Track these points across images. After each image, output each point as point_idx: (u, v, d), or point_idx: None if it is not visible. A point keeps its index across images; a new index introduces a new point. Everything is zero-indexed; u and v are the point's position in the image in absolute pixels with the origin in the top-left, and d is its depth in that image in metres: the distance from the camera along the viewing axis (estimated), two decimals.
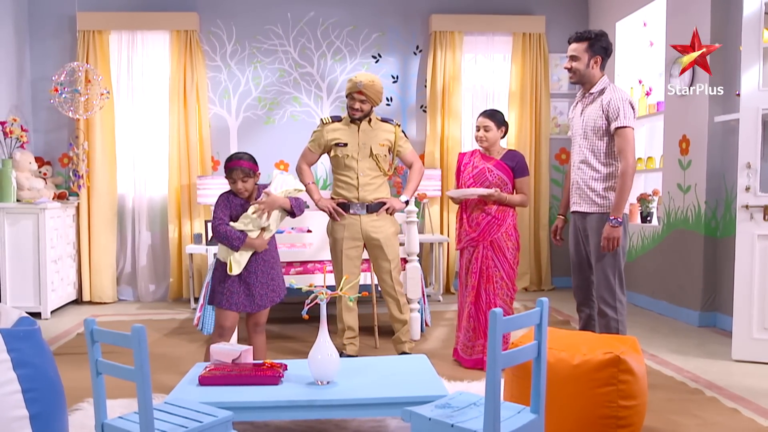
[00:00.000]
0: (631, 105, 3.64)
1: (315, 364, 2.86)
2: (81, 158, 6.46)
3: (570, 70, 3.72)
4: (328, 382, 2.87)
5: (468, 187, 4.26)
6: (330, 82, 7.02)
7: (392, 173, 6.43)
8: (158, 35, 6.79)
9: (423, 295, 5.21)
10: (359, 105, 4.16)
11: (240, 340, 4.49)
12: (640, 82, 6.50)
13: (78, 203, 6.59)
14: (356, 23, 7.03)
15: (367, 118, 4.28)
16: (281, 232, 5.50)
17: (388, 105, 7.10)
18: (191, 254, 6.33)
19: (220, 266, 3.55)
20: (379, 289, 4.42)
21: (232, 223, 3.49)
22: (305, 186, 4.30)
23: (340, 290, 2.88)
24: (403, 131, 4.44)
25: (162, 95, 6.81)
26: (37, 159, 6.48)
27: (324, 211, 4.29)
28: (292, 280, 3.03)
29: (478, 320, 4.22)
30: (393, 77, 7.11)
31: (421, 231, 6.88)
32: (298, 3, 6.94)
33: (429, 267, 6.97)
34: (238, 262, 3.44)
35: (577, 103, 3.86)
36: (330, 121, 4.34)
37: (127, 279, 6.88)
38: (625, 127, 3.58)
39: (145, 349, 2.10)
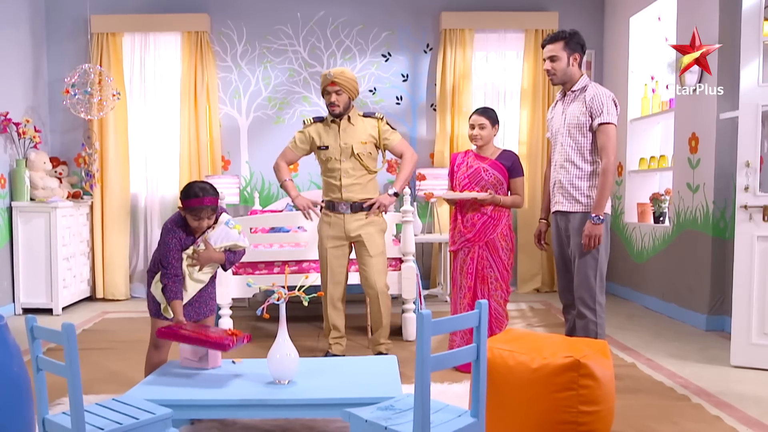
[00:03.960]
0: (614, 102, 3.56)
1: (273, 363, 2.86)
2: (93, 158, 6.61)
3: (550, 71, 3.65)
4: (288, 382, 2.87)
5: (463, 187, 4.19)
6: None
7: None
8: (170, 37, 6.90)
9: (419, 295, 5.17)
10: (335, 98, 4.05)
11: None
12: (652, 78, 6.33)
13: (92, 202, 6.74)
14: (366, 22, 7.02)
15: (347, 116, 4.17)
16: (287, 231, 5.51)
17: (398, 104, 7.08)
18: None
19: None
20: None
21: None
22: (282, 183, 4.27)
23: (298, 289, 2.86)
24: (388, 123, 4.28)
25: (174, 96, 6.92)
26: (54, 159, 6.65)
27: (299, 209, 4.21)
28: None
29: None
30: (403, 76, 7.08)
31: (429, 231, 6.83)
32: (307, 3, 6.97)
33: (438, 267, 6.92)
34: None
35: (556, 103, 3.79)
36: (312, 122, 4.28)
37: (140, 276, 7.00)
38: (608, 123, 3.51)
39: (74, 345, 2.12)
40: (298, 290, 2.87)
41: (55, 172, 6.56)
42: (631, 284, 6.55)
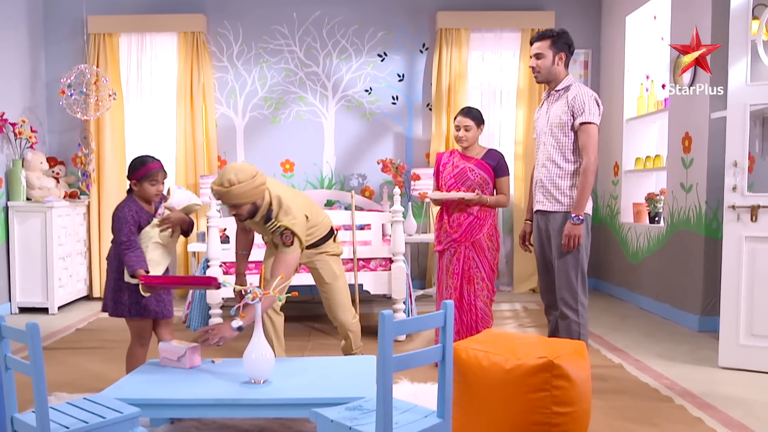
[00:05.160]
0: (597, 102, 3.54)
1: (249, 363, 2.86)
2: (89, 158, 6.64)
3: (535, 69, 3.64)
4: (263, 382, 2.87)
5: (449, 186, 4.19)
6: (335, 82, 7.03)
7: (395, 172, 6.41)
8: (166, 37, 6.93)
9: (410, 295, 5.17)
10: (235, 212, 3.27)
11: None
12: (647, 77, 6.30)
13: (88, 202, 6.78)
14: (362, 22, 7.02)
15: (254, 220, 3.43)
16: None
17: (393, 104, 7.07)
18: (195, 252, 6.43)
19: (128, 284, 3.31)
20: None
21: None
22: (236, 253, 3.64)
23: (273, 289, 2.87)
24: (282, 233, 3.31)
25: (170, 96, 6.95)
26: (51, 159, 6.69)
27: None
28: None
29: (461, 323, 4.15)
30: (399, 75, 7.07)
31: (424, 230, 6.82)
32: (303, 2, 6.97)
33: (433, 267, 6.90)
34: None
35: (542, 102, 3.78)
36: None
37: None
38: (590, 123, 3.50)
39: (39, 344, 2.12)
40: (273, 290, 2.87)
41: (53, 171, 6.60)
42: (626, 285, 6.52)
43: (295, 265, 3.34)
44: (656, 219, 6.10)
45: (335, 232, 3.81)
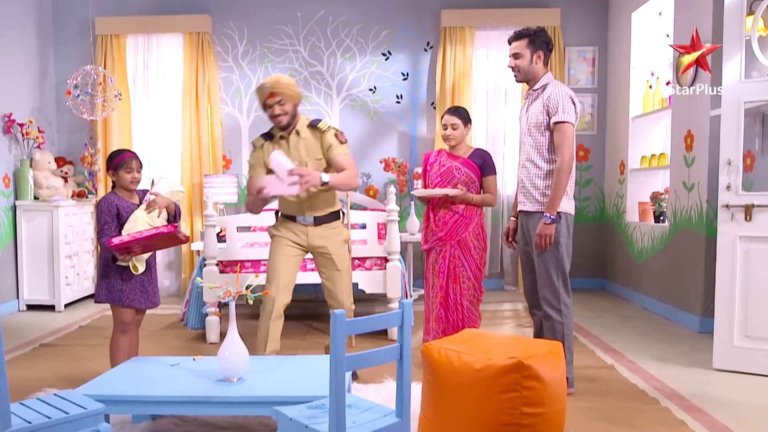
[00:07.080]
0: (572, 101, 3.51)
1: (223, 360, 2.88)
2: (95, 158, 6.74)
3: (514, 68, 3.62)
4: (236, 379, 2.89)
5: (435, 185, 4.19)
6: (340, 81, 7.04)
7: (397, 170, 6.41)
8: (172, 38, 7.00)
9: (406, 294, 5.16)
10: (278, 109, 3.60)
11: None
12: (652, 74, 6.21)
13: (95, 201, 6.87)
14: (366, 21, 7.02)
15: (296, 130, 3.71)
16: None
17: (398, 102, 7.07)
18: (198, 251, 6.49)
19: (117, 267, 3.44)
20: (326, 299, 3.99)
21: (126, 226, 3.42)
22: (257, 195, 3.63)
23: (246, 288, 2.88)
24: (337, 135, 3.72)
25: (176, 96, 7.02)
26: (60, 159, 6.80)
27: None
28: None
29: (447, 322, 4.14)
30: (403, 74, 7.06)
31: None
32: (308, 2, 7.00)
33: None
34: (141, 261, 3.43)
35: (524, 102, 3.75)
36: (262, 141, 3.79)
37: None
38: (564, 122, 3.46)
39: None
40: (246, 289, 2.89)
41: (61, 171, 6.70)
42: (631, 285, 6.43)
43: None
44: (661, 218, 6.02)
45: (343, 213, 4.00)
